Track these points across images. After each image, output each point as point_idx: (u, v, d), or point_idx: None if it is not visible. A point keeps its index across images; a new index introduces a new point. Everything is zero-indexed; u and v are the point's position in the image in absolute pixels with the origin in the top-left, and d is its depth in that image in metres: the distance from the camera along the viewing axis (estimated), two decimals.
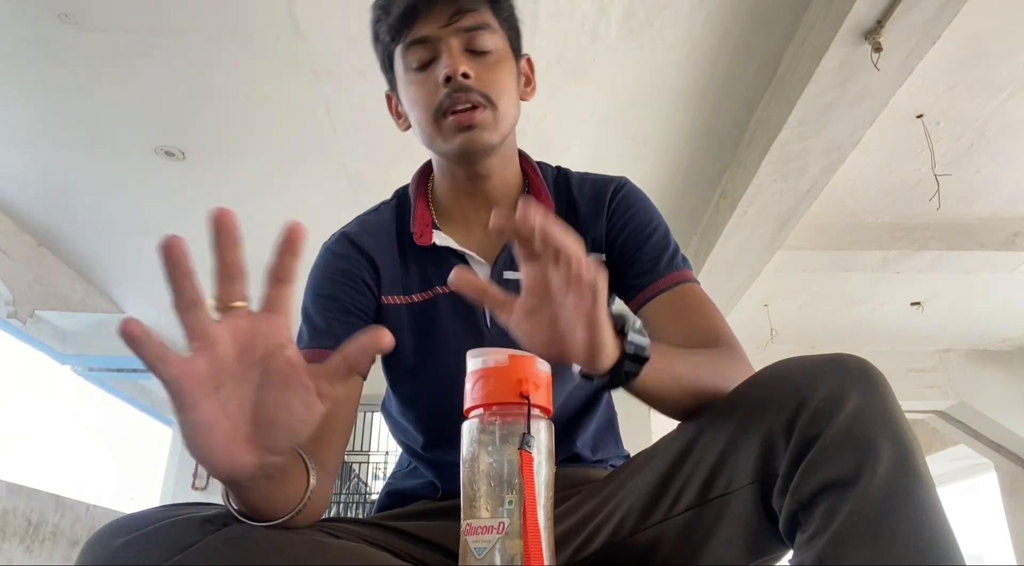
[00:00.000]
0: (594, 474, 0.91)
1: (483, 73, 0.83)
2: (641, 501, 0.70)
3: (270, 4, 2.20)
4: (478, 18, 0.84)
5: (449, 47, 0.83)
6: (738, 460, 0.62)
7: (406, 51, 0.85)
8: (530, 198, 0.94)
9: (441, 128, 0.83)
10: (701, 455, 0.66)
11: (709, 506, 0.64)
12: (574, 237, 0.54)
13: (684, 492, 0.66)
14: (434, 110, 0.83)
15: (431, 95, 0.83)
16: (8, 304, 3.60)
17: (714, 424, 0.66)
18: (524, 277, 0.57)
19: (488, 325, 0.89)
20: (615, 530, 0.71)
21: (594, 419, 0.96)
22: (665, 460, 0.69)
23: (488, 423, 0.53)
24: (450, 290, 0.88)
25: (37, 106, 2.69)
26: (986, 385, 4.87)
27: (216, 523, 0.62)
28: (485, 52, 0.85)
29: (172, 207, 3.31)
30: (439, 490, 0.91)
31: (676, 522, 0.66)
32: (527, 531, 0.49)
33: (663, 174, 3.05)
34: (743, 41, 2.34)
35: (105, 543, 0.60)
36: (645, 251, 0.89)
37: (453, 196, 0.93)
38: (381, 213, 0.96)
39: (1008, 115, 2.65)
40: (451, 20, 0.83)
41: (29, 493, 2.48)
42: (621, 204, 0.93)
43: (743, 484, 0.61)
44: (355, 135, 2.80)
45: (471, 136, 0.82)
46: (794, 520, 0.57)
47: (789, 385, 0.61)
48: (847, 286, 4.02)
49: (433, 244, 0.89)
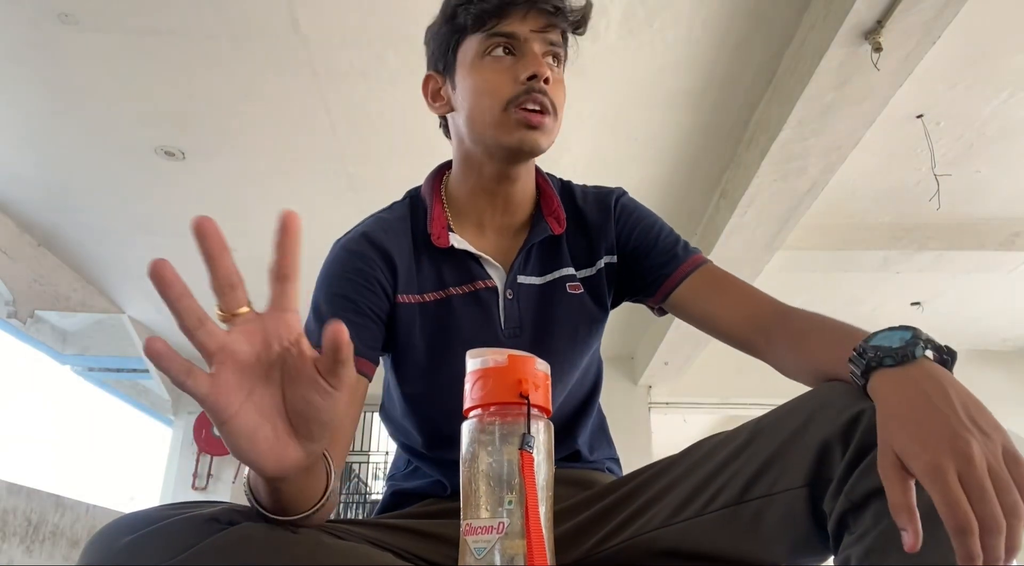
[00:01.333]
0: (593, 475, 0.93)
1: (554, 85, 0.88)
2: (676, 498, 0.71)
3: (270, 4, 2.20)
4: (560, 36, 0.89)
5: (535, 51, 0.86)
6: (787, 464, 0.64)
7: (488, 39, 0.87)
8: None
9: (507, 119, 0.85)
10: (749, 458, 0.67)
11: (748, 505, 0.66)
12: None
13: (723, 490, 0.68)
14: (508, 99, 0.85)
15: (507, 86, 0.85)
16: (8, 304, 3.60)
17: (764, 433, 0.68)
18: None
19: (502, 326, 0.90)
20: (643, 525, 0.72)
21: (591, 418, 0.98)
22: (712, 462, 0.71)
23: (488, 423, 0.53)
24: (464, 291, 0.90)
25: (37, 106, 2.69)
26: (986, 385, 4.85)
27: (221, 522, 0.62)
28: (556, 67, 0.90)
29: (172, 207, 3.31)
30: (447, 488, 0.91)
31: (710, 518, 0.68)
32: (530, 531, 0.49)
33: (663, 174, 3.05)
34: (743, 41, 2.34)
35: (109, 542, 0.60)
36: (659, 246, 0.94)
37: (472, 197, 0.94)
38: (395, 211, 0.97)
39: (1008, 115, 2.66)
40: (543, 29, 0.87)
41: (29, 493, 2.48)
42: (624, 210, 0.98)
43: (793, 486, 0.63)
44: (355, 135, 2.80)
45: (533, 136, 0.85)
46: (843, 522, 0.59)
47: (845, 399, 0.63)
48: (847, 286, 4.02)
49: (451, 246, 0.91)
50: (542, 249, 0.94)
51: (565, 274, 0.94)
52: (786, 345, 0.79)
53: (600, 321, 0.95)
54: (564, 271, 0.94)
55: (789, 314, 0.82)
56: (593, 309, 0.94)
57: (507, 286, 0.91)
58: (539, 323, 0.92)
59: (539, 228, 0.94)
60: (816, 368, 0.73)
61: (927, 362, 0.60)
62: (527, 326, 0.91)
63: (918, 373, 0.58)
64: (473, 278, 0.91)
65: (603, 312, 0.96)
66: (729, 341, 0.87)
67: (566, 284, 0.93)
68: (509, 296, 0.91)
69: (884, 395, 0.59)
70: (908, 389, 0.57)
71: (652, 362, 4.51)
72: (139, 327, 4.65)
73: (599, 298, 0.95)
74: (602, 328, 0.97)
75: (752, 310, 0.85)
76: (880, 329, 0.64)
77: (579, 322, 0.93)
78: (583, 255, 0.96)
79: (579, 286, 0.94)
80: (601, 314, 0.95)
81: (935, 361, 0.61)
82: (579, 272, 0.95)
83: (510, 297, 0.91)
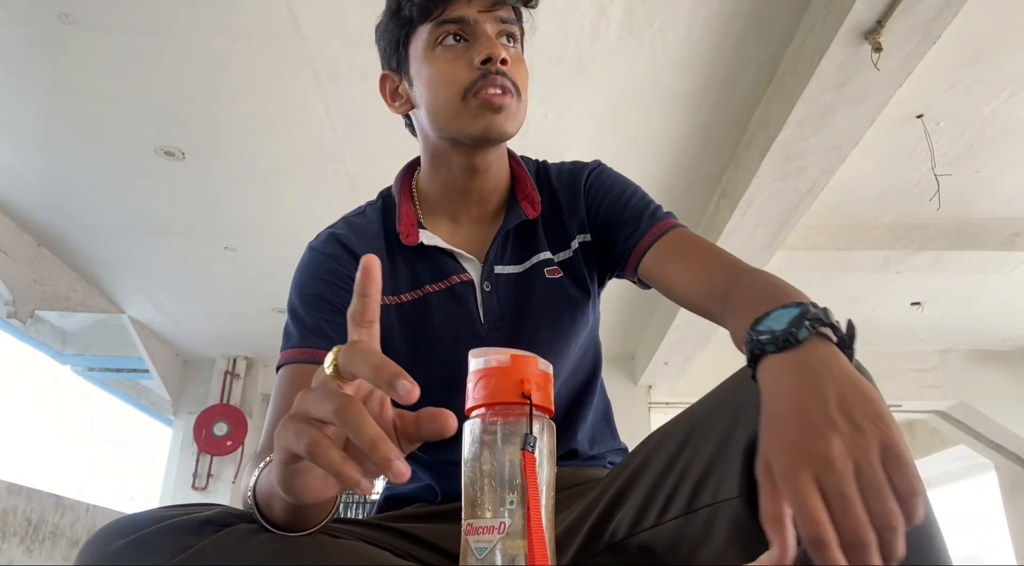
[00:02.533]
0: (591, 473, 0.90)
1: (513, 65, 0.83)
2: (634, 506, 0.70)
3: (270, 4, 2.20)
4: (510, 13, 0.85)
5: (487, 32, 0.83)
6: (724, 472, 0.62)
7: (437, 28, 0.83)
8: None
9: (467, 107, 0.82)
10: (689, 462, 0.66)
11: (697, 514, 0.64)
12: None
13: (673, 499, 0.66)
14: (464, 88, 0.81)
15: (463, 74, 0.82)
16: (8, 304, 3.60)
17: (702, 427, 0.66)
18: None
19: (482, 320, 0.88)
20: (613, 533, 0.71)
21: (590, 411, 0.95)
22: (656, 465, 0.69)
23: (490, 423, 0.53)
24: (440, 287, 0.88)
25: (37, 106, 2.69)
26: (986, 385, 4.87)
27: (216, 524, 0.61)
28: (513, 45, 0.86)
29: (172, 207, 3.31)
30: (437, 494, 0.90)
31: (668, 527, 0.66)
32: (531, 532, 0.49)
33: (663, 174, 3.05)
34: (743, 41, 2.34)
35: (104, 545, 0.60)
36: (626, 214, 0.90)
37: (443, 190, 0.91)
38: (367, 215, 0.95)
39: (1008, 115, 2.66)
40: (491, 7, 0.83)
41: (29, 493, 2.48)
42: (595, 183, 0.94)
43: (731, 496, 0.61)
44: (355, 135, 2.80)
45: (497, 120, 0.81)
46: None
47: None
48: (847, 286, 4.02)
49: (420, 243, 0.89)
50: (518, 236, 0.92)
51: (543, 259, 0.91)
52: (728, 313, 0.72)
53: (583, 305, 0.91)
54: (541, 256, 0.91)
55: (740, 278, 0.74)
56: (575, 293, 0.91)
57: (484, 278, 0.89)
58: (520, 313, 0.89)
59: (513, 214, 0.91)
60: (736, 343, 0.67)
61: (812, 346, 0.52)
62: (508, 317, 0.88)
63: (799, 360, 0.51)
64: (448, 274, 0.89)
65: (586, 295, 0.92)
66: (695, 312, 0.82)
67: (544, 270, 0.90)
68: (487, 288, 0.89)
69: (764, 388, 0.52)
70: (782, 381, 0.51)
71: (652, 362, 4.51)
72: (139, 327, 4.65)
73: (580, 281, 0.91)
74: (588, 312, 0.92)
75: (710, 277, 0.79)
76: (777, 306, 0.56)
77: (561, 309, 0.90)
78: (558, 237, 0.93)
79: (557, 270, 0.91)
80: (584, 298, 0.91)
81: (834, 341, 0.53)
82: (556, 256, 0.92)
83: (488, 289, 0.89)
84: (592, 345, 0.97)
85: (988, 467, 5.30)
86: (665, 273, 0.84)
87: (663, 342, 4.13)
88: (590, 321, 0.93)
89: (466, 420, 0.55)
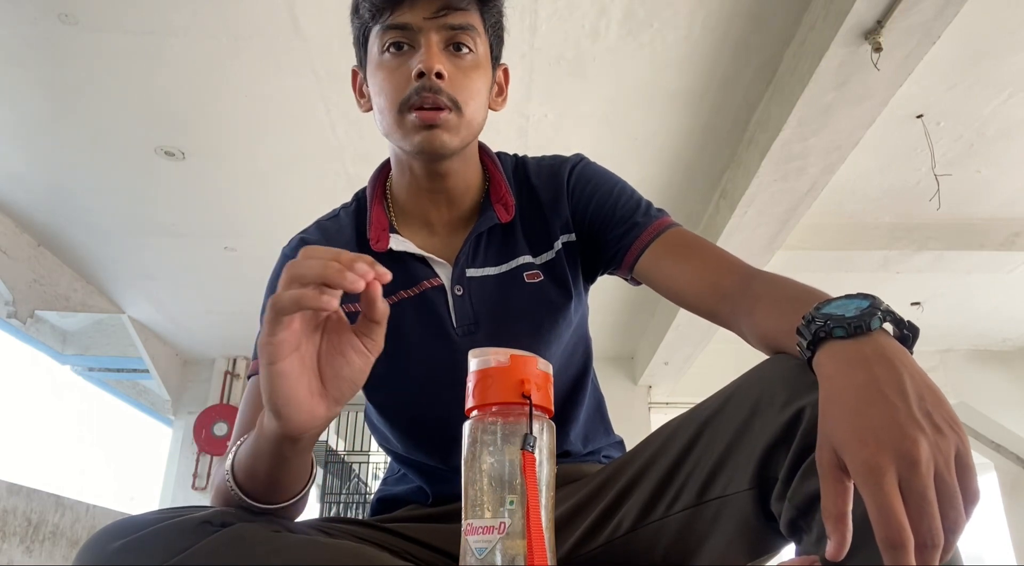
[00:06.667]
0: (586, 468, 0.88)
1: (457, 75, 0.80)
2: (642, 498, 0.70)
3: (270, 4, 2.20)
4: (465, 18, 0.80)
5: (429, 41, 0.79)
6: (737, 463, 0.62)
7: (383, 33, 0.80)
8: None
9: (403, 122, 0.79)
10: (701, 455, 0.66)
11: (707, 506, 0.64)
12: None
13: (683, 492, 0.67)
14: (400, 102, 0.79)
15: (400, 86, 0.79)
16: (8, 304, 3.60)
17: (716, 421, 0.66)
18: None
19: (454, 325, 0.86)
20: (616, 526, 0.71)
21: (582, 410, 0.93)
22: (667, 458, 0.69)
23: (489, 423, 0.53)
24: (412, 293, 0.86)
25: (37, 106, 2.69)
26: (986, 385, 4.87)
27: (214, 524, 0.61)
28: (464, 53, 0.81)
29: (172, 207, 3.31)
30: (429, 496, 0.89)
31: (675, 520, 0.67)
32: (531, 532, 0.49)
33: (663, 174, 3.05)
34: (743, 41, 2.34)
35: (102, 545, 0.60)
36: (618, 213, 0.87)
37: (412, 194, 0.89)
38: (340, 220, 0.93)
39: (1008, 115, 2.66)
40: (437, 13, 0.78)
41: (29, 493, 2.48)
42: (579, 180, 0.91)
43: (741, 489, 0.61)
44: (355, 135, 2.80)
45: (431, 135, 0.78)
46: (795, 525, 0.57)
47: (788, 390, 0.59)
48: (847, 286, 3.99)
49: (390, 249, 0.86)
50: (496, 238, 0.89)
51: (522, 262, 0.88)
52: (744, 312, 0.71)
53: (565, 308, 0.88)
54: (521, 259, 0.88)
55: (752, 278, 0.74)
56: (555, 297, 0.88)
57: (454, 282, 0.86)
58: (495, 317, 0.86)
59: (485, 217, 0.88)
60: (766, 337, 0.67)
61: (883, 337, 0.52)
62: (482, 322, 0.85)
63: (870, 350, 0.51)
64: (419, 279, 0.86)
65: (567, 298, 0.88)
66: (696, 312, 0.81)
67: (523, 273, 0.87)
68: (458, 292, 0.86)
69: (829, 374, 0.51)
70: (856, 369, 0.50)
71: (652, 362, 4.50)
72: (139, 327, 4.65)
73: (562, 283, 0.88)
74: (570, 314, 0.89)
75: (716, 277, 0.77)
76: (836, 296, 0.57)
77: (541, 313, 0.87)
78: (540, 238, 0.89)
79: (538, 274, 0.88)
80: (565, 300, 0.88)
81: (895, 337, 0.54)
82: (538, 258, 0.89)
83: (459, 293, 0.86)
84: (581, 342, 0.94)
85: (988, 467, 5.30)
86: (664, 273, 0.83)
87: (663, 342, 4.13)
88: (573, 322, 0.91)
89: (466, 420, 0.55)
